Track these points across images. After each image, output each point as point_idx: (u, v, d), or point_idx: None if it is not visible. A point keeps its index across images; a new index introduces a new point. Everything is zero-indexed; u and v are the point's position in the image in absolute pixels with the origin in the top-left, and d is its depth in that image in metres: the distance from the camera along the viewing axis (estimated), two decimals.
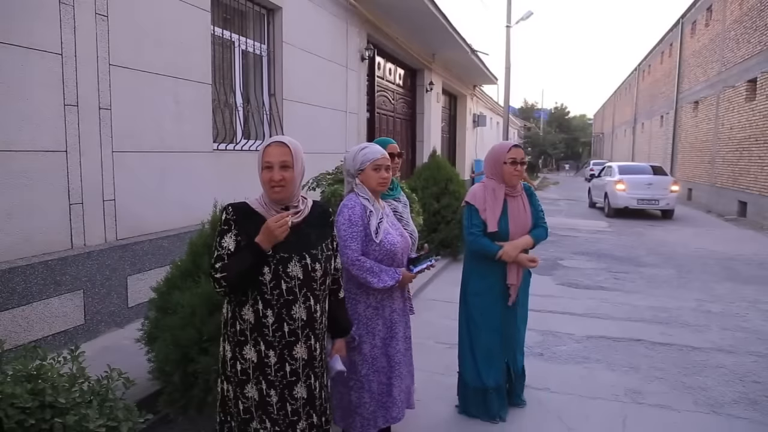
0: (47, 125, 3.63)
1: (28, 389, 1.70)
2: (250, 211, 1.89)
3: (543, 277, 6.72)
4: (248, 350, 1.89)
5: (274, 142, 1.90)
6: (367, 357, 2.48)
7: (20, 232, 3.48)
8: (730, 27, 16.30)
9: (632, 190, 13.63)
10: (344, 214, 2.41)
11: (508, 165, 2.98)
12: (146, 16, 4.46)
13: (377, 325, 2.50)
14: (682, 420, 3.17)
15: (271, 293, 1.86)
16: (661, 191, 13.56)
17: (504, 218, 2.99)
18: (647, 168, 14.77)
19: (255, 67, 6.51)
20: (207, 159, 5.28)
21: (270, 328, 1.88)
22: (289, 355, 1.91)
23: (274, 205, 1.91)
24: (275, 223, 1.77)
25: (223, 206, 1.91)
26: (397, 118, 12.79)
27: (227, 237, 1.85)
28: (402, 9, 9.51)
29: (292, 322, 1.89)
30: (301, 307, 1.90)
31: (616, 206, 13.92)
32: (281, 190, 1.87)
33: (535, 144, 52.73)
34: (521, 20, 18.32)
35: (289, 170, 1.87)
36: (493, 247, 2.94)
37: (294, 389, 1.93)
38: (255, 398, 1.91)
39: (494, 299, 3.05)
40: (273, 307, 1.87)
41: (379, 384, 2.51)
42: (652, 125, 27.74)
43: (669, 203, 13.61)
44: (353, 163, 2.55)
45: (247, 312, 1.88)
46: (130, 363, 2.56)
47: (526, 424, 3.10)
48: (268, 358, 1.89)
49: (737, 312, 5.40)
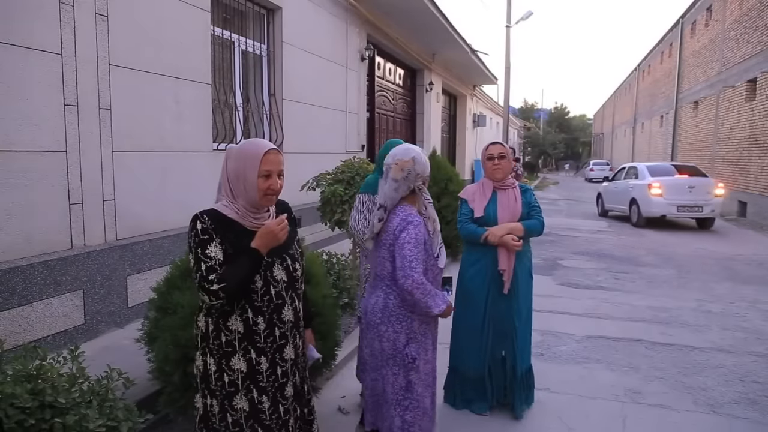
0: (47, 125, 3.63)
1: (28, 389, 1.70)
2: (224, 218, 1.80)
3: (543, 277, 6.72)
4: (236, 360, 1.84)
5: (272, 149, 1.85)
6: (422, 375, 2.36)
7: (20, 232, 3.48)
8: (730, 27, 16.31)
9: (670, 196, 11.32)
10: (410, 233, 2.20)
11: (487, 161, 3.16)
12: (146, 16, 4.46)
13: (428, 339, 2.40)
14: (681, 420, 3.17)
15: (261, 300, 1.83)
16: (705, 196, 11.28)
17: (492, 206, 3.11)
18: (672, 168, 12.50)
19: (255, 67, 6.51)
20: (207, 159, 5.28)
21: (261, 335, 1.85)
22: (279, 357, 1.90)
23: (251, 210, 1.85)
24: (278, 226, 1.78)
25: (194, 214, 1.79)
26: (397, 118, 12.79)
27: (211, 246, 1.74)
28: (402, 9, 9.52)
29: (282, 325, 1.89)
30: (288, 309, 1.91)
31: (649, 215, 11.69)
32: (274, 198, 1.88)
33: (535, 144, 52.74)
34: (521, 20, 18.33)
35: (282, 178, 1.88)
36: (479, 230, 3.07)
37: (285, 389, 1.93)
38: (245, 409, 1.86)
39: (482, 284, 3.09)
40: (264, 314, 1.84)
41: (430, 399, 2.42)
42: (652, 125, 27.75)
43: (714, 210, 11.40)
44: (425, 167, 2.32)
45: (235, 322, 1.82)
46: (130, 363, 2.57)
47: (526, 424, 3.10)
48: (259, 365, 1.86)
49: (737, 312, 5.40)
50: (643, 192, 11.80)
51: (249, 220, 1.83)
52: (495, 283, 3.08)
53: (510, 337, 3.12)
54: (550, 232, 10.71)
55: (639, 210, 11.94)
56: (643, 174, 12.26)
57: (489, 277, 3.08)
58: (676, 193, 11.34)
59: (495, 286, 3.08)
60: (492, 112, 26.26)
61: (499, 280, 3.07)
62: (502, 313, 3.10)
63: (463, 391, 3.21)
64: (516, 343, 3.11)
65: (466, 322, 3.16)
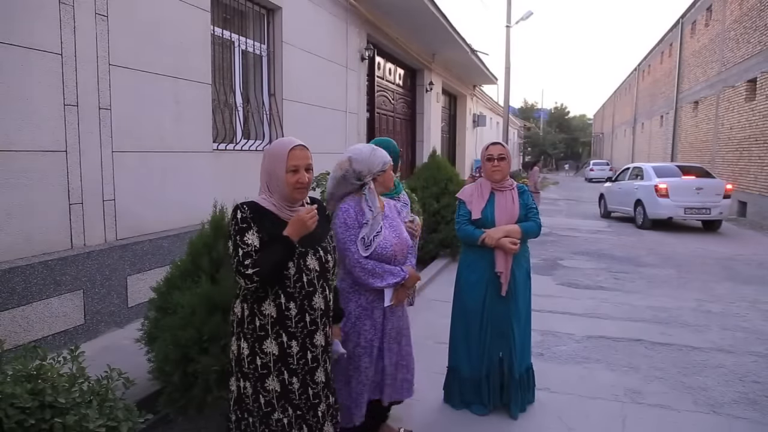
0: (47, 125, 3.63)
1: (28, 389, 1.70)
2: (262, 209, 1.96)
3: (543, 277, 6.72)
4: (269, 344, 1.96)
5: (298, 145, 1.99)
6: (350, 354, 2.48)
7: (20, 232, 3.48)
8: (730, 27, 16.31)
9: (677, 197, 11.06)
10: (339, 218, 2.42)
11: (486, 162, 3.13)
12: (146, 16, 4.46)
13: (365, 325, 2.49)
14: (681, 420, 3.17)
15: (293, 286, 1.96)
16: (713, 198, 11.05)
17: (490, 208, 3.10)
18: (678, 169, 12.25)
19: (255, 67, 6.51)
20: (207, 159, 5.28)
21: (293, 320, 1.97)
22: (310, 343, 2.02)
23: (286, 203, 1.99)
24: (308, 215, 1.91)
25: (235, 205, 1.96)
26: (397, 118, 12.79)
27: (249, 234, 1.90)
28: (402, 9, 9.52)
29: (313, 312, 2.01)
30: (319, 297, 2.02)
31: (656, 216, 11.46)
32: (305, 191, 2.01)
33: (535, 144, 52.77)
34: (521, 20, 18.32)
35: (311, 172, 2.02)
36: (476, 232, 3.06)
37: (315, 374, 2.05)
38: (277, 390, 1.98)
39: (480, 286, 3.09)
40: (295, 300, 1.97)
41: (357, 382, 2.50)
42: (652, 125, 27.76)
43: (722, 212, 11.18)
44: (370, 165, 2.45)
45: (268, 307, 1.95)
46: (130, 363, 2.56)
47: (526, 424, 3.10)
48: (290, 348, 1.98)
49: (737, 312, 5.40)
50: (649, 193, 11.53)
51: (285, 213, 1.98)
52: (493, 284, 3.07)
53: (508, 339, 3.10)
54: (550, 232, 10.72)
55: (645, 212, 11.68)
56: (649, 175, 11.97)
57: (487, 278, 3.08)
58: (683, 194, 11.06)
59: (493, 287, 3.08)
60: (492, 112, 26.26)
61: (497, 282, 3.06)
62: (500, 315, 3.09)
63: (462, 391, 3.21)
64: (514, 344, 3.10)
65: (463, 323, 3.16)
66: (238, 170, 5.62)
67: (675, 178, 11.60)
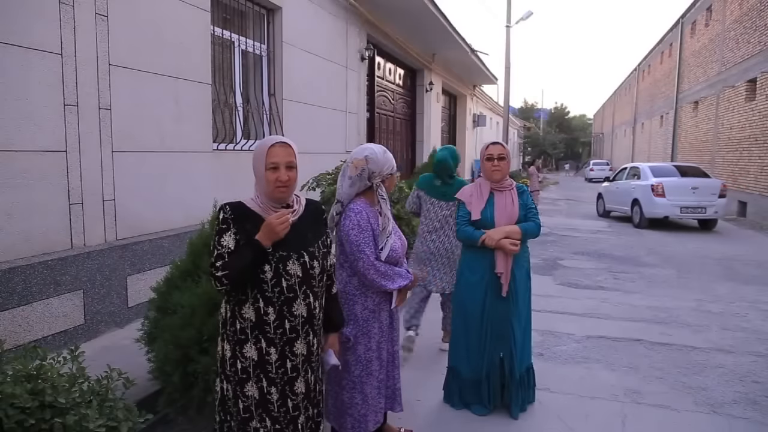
0: (47, 125, 3.63)
1: (28, 389, 1.70)
2: (246, 210, 1.91)
3: (543, 277, 6.72)
4: (249, 348, 1.91)
5: (278, 142, 1.92)
6: (361, 359, 2.46)
7: (20, 232, 3.48)
8: (730, 27, 16.31)
9: (673, 197, 11.22)
10: (352, 219, 2.36)
11: (486, 161, 3.12)
12: (146, 16, 4.46)
13: (373, 327, 2.48)
14: (681, 420, 3.17)
15: (272, 291, 1.89)
16: (709, 197, 11.22)
17: (489, 208, 3.09)
18: (674, 169, 12.45)
19: (255, 67, 6.51)
20: (207, 159, 5.28)
21: (271, 326, 1.91)
22: (290, 351, 1.94)
23: (272, 204, 1.93)
24: (277, 220, 1.82)
25: (219, 205, 1.93)
26: (397, 118, 12.79)
27: (226, 236, 1.87)
28: (402, 9, 9.52)
29: (293, 319, 1.93)
30: (301, 304, 1.94)
31: (652, 215, 11.61)
32: (286, 189, 1.92)
33: (535, 144, 52.75)
34: (521, 20, 18.32)
35: (293, 170, 1.92)
36: (476, 233, 3.05)
37: (294, 385, 1.97)
38: (255, 396, 1.93)
39: (480, 286, 3.09)
40: (274, 305, 1.90)
41: (371, 387, 2.50)
42: (652, 125, 27.75)
43: (717, 211, 11.33)
44: (382, 166, 2.42)
45: (248, 311, 1.90)
46: (130, 363, 2.56)
47: (526, 424, 3.10)
48: (269, 355, 1.91)
49: (737, 312, 5.40)
50: (646, 193, 11.68)
51: (269, 214, 1.90)
52: (493, 285, 3.07)
53: (508, 340, 3.10)
54: (550, 232, 10.72)
55: (641, 211, 11.82)
56: (645, 174, 12.11)
57: (487, 279, 3.08)
58: (679, 194, 11.23)
59: (493, 288, 3.08)
60: (492, 112, 26.27)
61: (497, 283, 3.06)
62: (501, 316, 3.09)
63: (462, 391, 3.21)
64: (514, 345, 3.10)
65: (464, 324, 3.16)
66: (238, 170, 5.61)
67: (671, 177, 11.75)
